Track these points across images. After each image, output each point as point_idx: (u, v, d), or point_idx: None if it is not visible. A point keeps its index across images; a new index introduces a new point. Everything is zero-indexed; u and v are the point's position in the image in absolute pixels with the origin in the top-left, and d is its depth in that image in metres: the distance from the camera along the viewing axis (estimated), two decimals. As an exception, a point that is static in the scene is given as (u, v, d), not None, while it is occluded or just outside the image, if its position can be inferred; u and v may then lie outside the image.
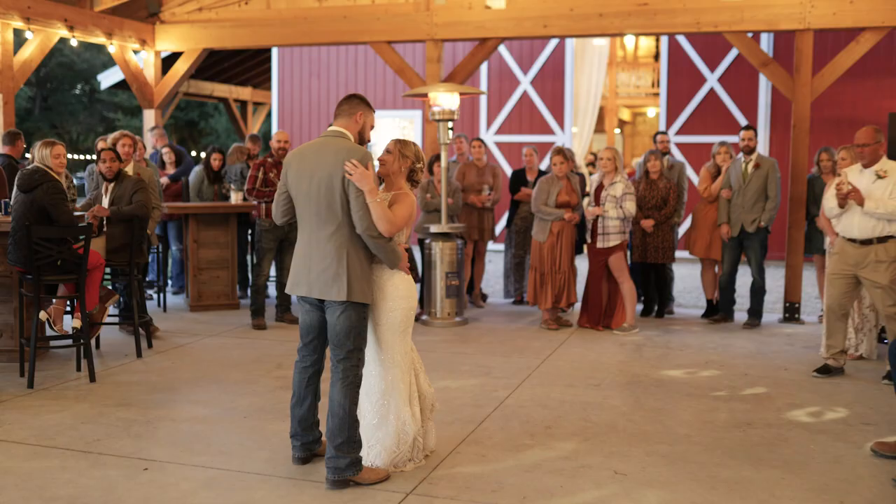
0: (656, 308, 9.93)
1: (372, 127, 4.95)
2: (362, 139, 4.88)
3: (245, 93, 21.15)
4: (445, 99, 9.16)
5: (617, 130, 24.61)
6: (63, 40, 10.73)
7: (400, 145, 4.92)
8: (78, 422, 5.81)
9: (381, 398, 4.90)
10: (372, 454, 4.91)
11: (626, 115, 25.55)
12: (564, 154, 8.97)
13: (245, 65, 19.98)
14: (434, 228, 9.32)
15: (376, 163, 4.89)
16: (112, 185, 7.79)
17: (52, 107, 43.31)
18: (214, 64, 19.19)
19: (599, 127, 22.93)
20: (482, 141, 10.43)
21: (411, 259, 10.56)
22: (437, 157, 9.83)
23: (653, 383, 6.97)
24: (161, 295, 10.25)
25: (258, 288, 9.01)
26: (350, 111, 4.83)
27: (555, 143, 16.13)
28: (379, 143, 17.67)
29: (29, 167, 6.89)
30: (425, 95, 9.31)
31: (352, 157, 4.58)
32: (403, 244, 4.90)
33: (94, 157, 9.48)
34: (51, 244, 6.63)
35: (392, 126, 17.59)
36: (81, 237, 6.79)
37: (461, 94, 9.40)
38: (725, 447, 5.42)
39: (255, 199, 8.92)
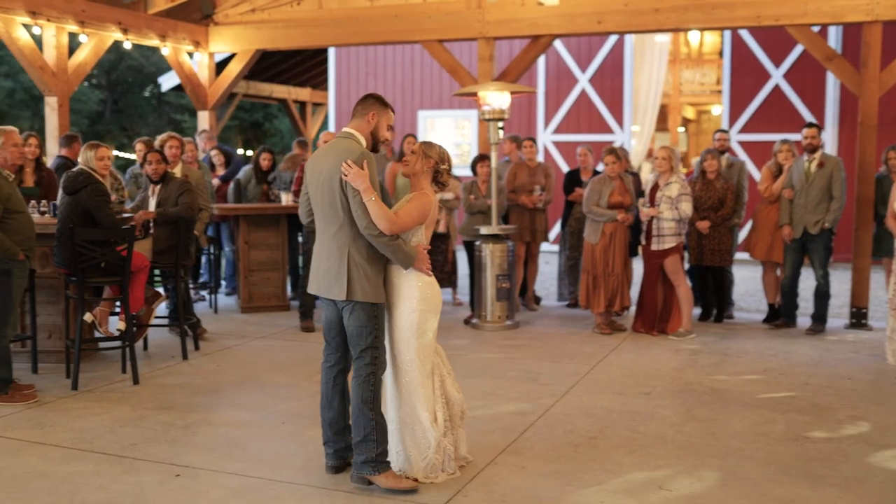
0: (715, 312, 9.60)
1: (389, 127, 4.90)
2: (376, 139, 4.81)
3: (304, 94, 21.22)
4: (495, 98, 8.98)
5: (681, 129, 24.15)
6: (133, 45, 10.79)
7: (424, 146, 4.84)
8: (117, 425, 5.78)
9: (400, 402, 4.80)
10: (399, 461, 4.81)
11: (690, 112, 25.05)
12: (617, 154, 8.71)
13: (303, 65, 20.03)
14: (484, 230, 9.14)
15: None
16: (158, 186, 7.79)
17: (122, 109, 44.20)
18: (273, 65, 19.28)
19: (662, 125, 22.51)
20: (533, 140, 10.22)
21: (443, 261, 10.47)
22: (483, 157, 9.64)
23: (706, 392, 6.70)
24: (213, 296, 10.25)
25: (306, 289, 8.91)
26: (363, 111, 4.79)
27: (613, 142, 15.82)
28: (439, 141, 17.55)
29: (74, 169, 6.91)
30: (475, 94, 9.14)
31: (348, 158, 4.56)
32: (421, 244, 4.76)
33: (137, 159, 9.52)
34: (94, 246, 6.63)
35: (449, 126, 17.44)
36: (124, 239, 6.77)
37: (512, 92, 9.21)
38: (780, 462, 5.15)
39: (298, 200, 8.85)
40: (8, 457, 5.19)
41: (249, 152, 35.31)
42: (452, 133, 17.49)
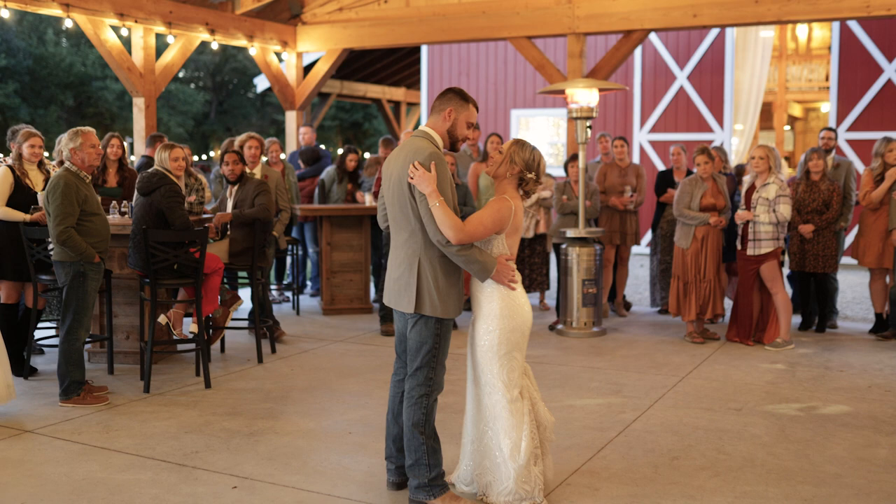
0: (816, 321, 9.02)
1: (470, 124, 4.48)
2: (454, 137, 4.45)
3: (398, 93, 21.17)
4: (583, 96, 8.62)
5: (787, 127, 23.18)
6: (226, 47, 10.85)
7: (515, 148, 4.41)
8: (182, 431, 5.68)
9: (480, 422, 4.47)
10: (470, 478, 4.53)
11: (797, 110, 24.01)
12: (709, 153, 8.25)
13: (397, 65, 19.98)
14: (570, 233, 8.80)
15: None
16: (235, 187, 7.71)
17: (227, 110, 45.27)
18: (367, 65, 19.29)
19: (767, 124, 21.62)
20: (624, 140, 9.81)
21: (541, 263, 10.10)
22: (576, 157, 9.30)
23: (803, 410, 6.21)
24: (296, 298, 10.18)
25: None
26: (440, 107, 4.43)
27: (713, 141, 15.19)
28: (533, 141, 17.22)
29: (149, 170, 6.87)
30: (561, 92, 8.80)
31: (416, 159, 4.23)
32: (503, 254, 4.38)
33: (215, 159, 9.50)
34: (167, 248, 6.57)
35: (544, 125, 17.07)
36: (197, 241, 6.69)
37: (602, 90, 8.84)
38: (883, 492, 4.67)
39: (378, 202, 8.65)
40: (70, 461, 5.13)
41: (339, 150, 35.57)
42: (547, 132, 17.11)
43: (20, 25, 32.54)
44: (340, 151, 10.34)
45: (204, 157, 40.86)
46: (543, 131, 17.10)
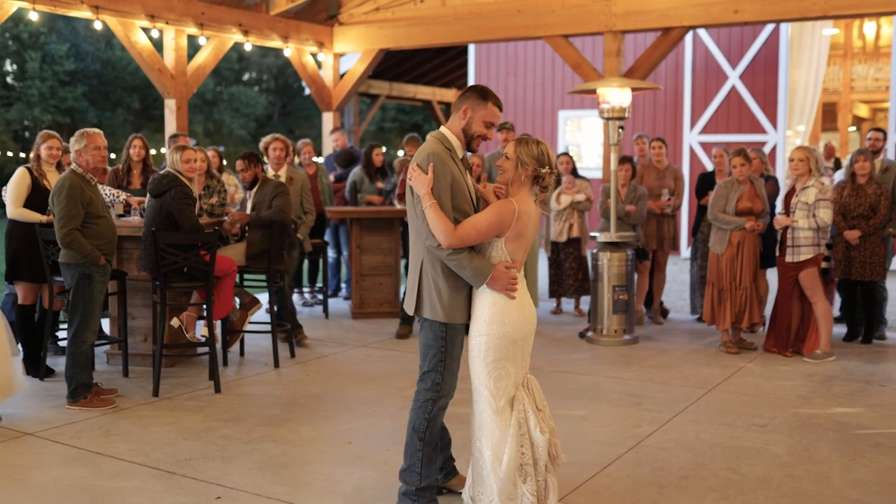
0: (863, 332, 8.57)
1: (489, 123, 4.23)
2: (468, 136, 4.24)
3: (449, 94, 21.00)
4: (615, 95, 8.33)
5: (852, 128, 22.37)
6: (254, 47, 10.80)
7: (521, 148, 4.13)
8: (180, 437, 5.57)
9: (472, 430, 4.26)
10: (470, 497, 4.29)
11: (863, 111, 23.17)
12: (745, 155, 7.88)
13: (447, 66, 19.80)
14: (601, 238, 8.51)
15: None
16: (254, 190, 7.62)
17: (289, 112, 45.70)
18: (417, 66, 19.16)
19: (832, 125, 20.90)
20: (662, 141, 9.47)
21: (576, 268, 9.78)
22: (622, 160, 8.97)
23: (833, 427, 5.84)
24: (325, 301, 10.06)
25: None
26: (458, 105, 4.26)
27: (766, 143, 14.69)
28: (584, 144, 16.89)
29: (160, 172, 6.80)
30: (593, 92, 8.52)
31: (417, 159, 4.10)
32: (504, 261, 4.13)
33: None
34: (177, 250, 6.48)
35: (597, 126, 16.69)
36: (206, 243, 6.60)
37: (634, 89, 8.54)
38: (904, 520, 4.34)
39: (405, 204, 8.44)
40: (62, 466, 5.06)
41: (401, 153, 35.59)
42: (598, 134, 16.73)
43: (88, 31, 33.24)
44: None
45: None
46: (595, 132, 16.73)
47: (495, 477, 4.06)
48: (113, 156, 17.66)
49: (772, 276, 8.88)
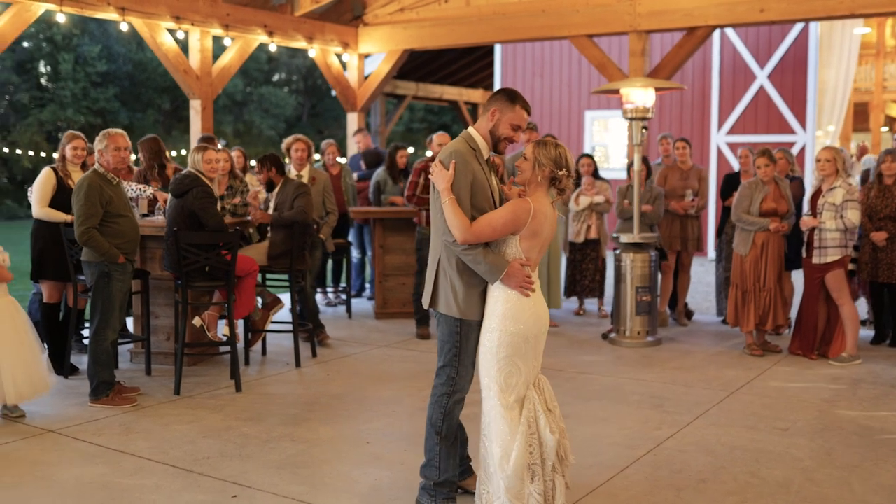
0: (891, 335, 8.45)
1: (516, 126, 4.27)
2: (495, 137, 4.27)
3: (476, 95, 20.96)
4: (638, 95, 8.29)
5: (884, 129, 22.06)
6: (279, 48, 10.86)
7: (539, 150, 4.17)
8: (200, 436, 5.61)
9: (482, 430, 4.24)
10: (479, 495, 4.24)
11: (895, 110, 22.87)
12: (770, 155, 7.79)
13: (474, 66, 19.77)
14: (624, 238, 8.46)
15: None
16: (276, 190, 7.66)
17: (318, 113, 45.91)
18: (443, 66, 19.15)
19: (863, 125, 20.63)
20: (686, 141, 9.39)
21: (593, 269, 9.72)
22: (641, 160, 8.94)
23: (856, 431, 5.76)
24: (348, 301, 10.08)
25: (419, 297, 8.54)
26: (486, 107, 4.31)
27: (795, 143, 14.53)
28: (610, 144, 16.81)
29: (182, 172, 6.85)
30: (616, 92, 8.48)
31: (440, 157, 4.17)
32: (519, 259, 4.14)
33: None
34: (199, 250, 6.53)
35: (622, 126, 16.62)
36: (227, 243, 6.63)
37: (658, 89, 8.48)
38: (926, 527, 4.27)
39: (416, 205, 8.43)
40: (83, 464, 5.11)
41: (429, 153, 35.58)
42: (626, 134, 16.64)
43: (120, 33, 33.56)
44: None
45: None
46: (622, 133, 16.64)
47: (503, 474, 4.05)
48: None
49: (797, 277, 8.78)
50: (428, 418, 4.37)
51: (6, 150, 27.37)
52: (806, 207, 8.06)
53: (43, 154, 27.32)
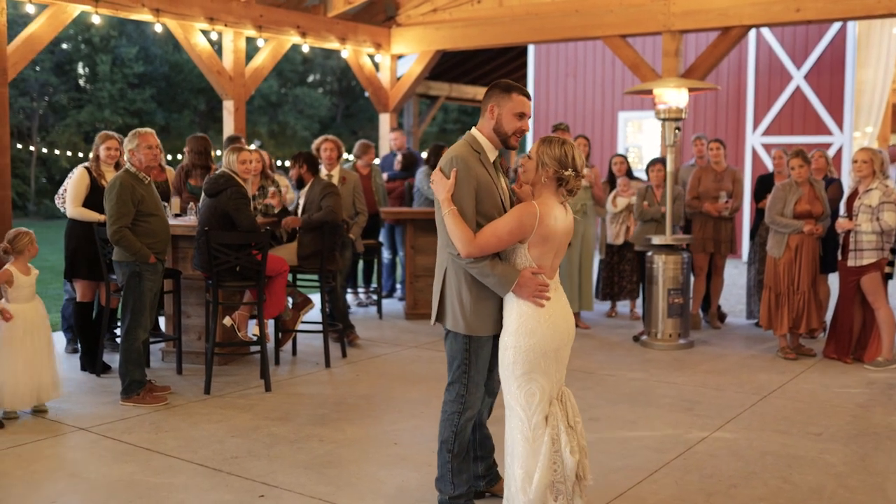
0: (928, 340, 8.30)
1: (518, 115, 4.02)
2: (502, 134, 4.05)
3: (508, 96, 20.89)
4: (671, 96, 8.21)
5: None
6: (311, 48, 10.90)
7: (543, 148, 3.95)
8: (229, 435, 5.63)
9: (505, 449, 4.11)
10: None
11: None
12: (804, 156, 7.69)
13: (507, 67, 19.71)
14: (656, 240, 8.39)
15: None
16: (305, 189, 7.68)
17: (352, 114, 46.09)
18: (477, 67, 19.11)
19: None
20: (721, 142, 9.28)
21: (630, 271, 9.64)
22: (655, 161, 8.88)
23: (892, 436, 5.66)
24: (378, 301, 10.09)
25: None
26: (483, 106, 4.10)
27: (832, 144, 14.33)
28: (644, 145, 16.69)
29: (216, 172, 6.89)
30: (649, 92, 8.41)
31: (441, 164, 3.98)
32: (530, 267, 3.94)
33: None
34: (229, 250, 6.56)
35: (656, 127, 16.49)
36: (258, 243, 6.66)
37: (691, 90, 8.40)
38: (962, 535, 4.18)
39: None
40: (112, 462, 5.15)
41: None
42: (656, 135, 16.52)
43: (156, 34, 33.95)
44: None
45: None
46: (656, 134, 16.50)
47: (524, 497, 3.91)
48: (179, 156, 18.02)
49: (833, 280, 8.65)
50: (439, 435, 4.23)
51: (45, 150, 27.74)
52: (842, 209, 7.94)
53: (80, 154, 27.66)
